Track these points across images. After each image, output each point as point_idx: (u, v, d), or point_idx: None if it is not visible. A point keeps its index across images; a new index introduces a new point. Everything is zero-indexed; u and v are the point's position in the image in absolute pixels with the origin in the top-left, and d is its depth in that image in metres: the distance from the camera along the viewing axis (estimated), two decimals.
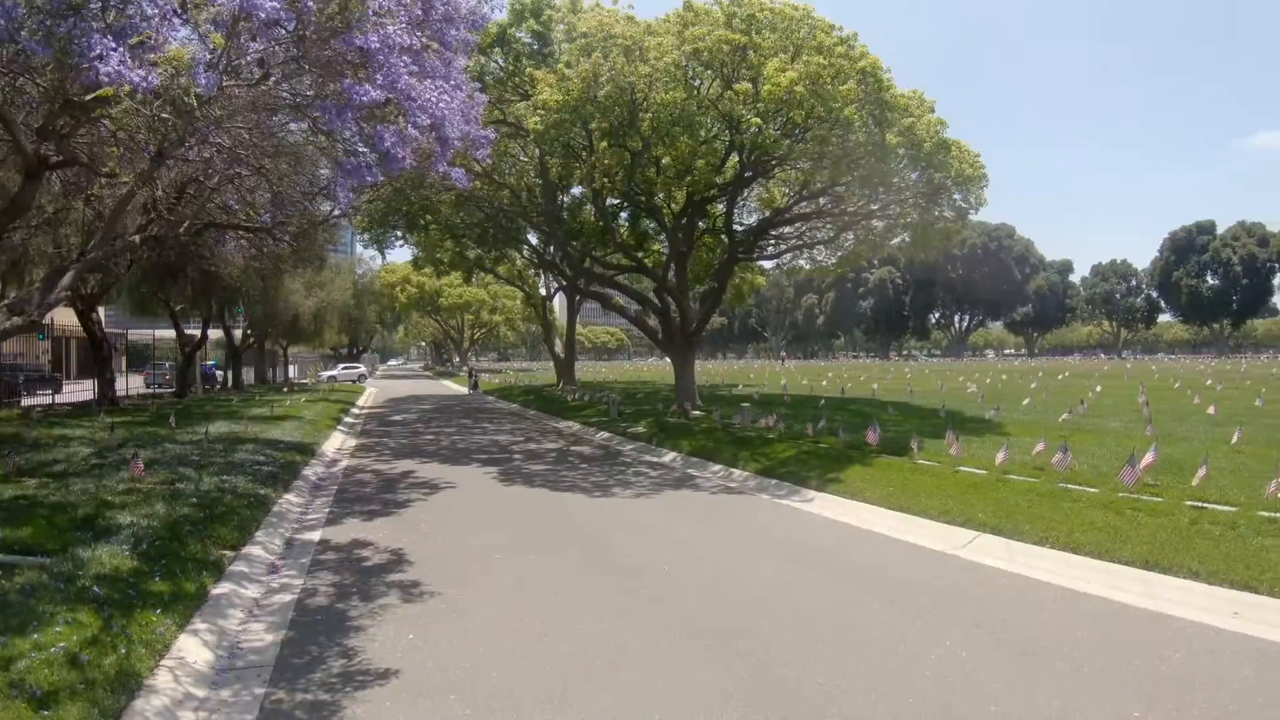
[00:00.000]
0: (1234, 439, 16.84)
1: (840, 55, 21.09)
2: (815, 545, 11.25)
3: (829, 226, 31.14)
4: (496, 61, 28.05)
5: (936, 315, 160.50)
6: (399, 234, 36.39)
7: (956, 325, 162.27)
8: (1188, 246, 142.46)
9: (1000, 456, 14.20)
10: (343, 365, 75.88)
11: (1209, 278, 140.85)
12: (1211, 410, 24.38)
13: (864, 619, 7.97)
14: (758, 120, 21.03)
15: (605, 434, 25.39)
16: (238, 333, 51.97)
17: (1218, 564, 8.68)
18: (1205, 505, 10.81)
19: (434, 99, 9.01)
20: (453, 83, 9.83)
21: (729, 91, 21.46)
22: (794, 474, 15.79)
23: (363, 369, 76.43)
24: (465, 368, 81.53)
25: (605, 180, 25.11)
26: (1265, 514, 10.17)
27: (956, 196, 25.27)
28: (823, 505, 13.81)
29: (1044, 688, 6.28)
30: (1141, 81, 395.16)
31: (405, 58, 8.69)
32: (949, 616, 8.02)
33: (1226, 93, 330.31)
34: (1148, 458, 12.87)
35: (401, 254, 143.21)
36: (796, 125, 21.40)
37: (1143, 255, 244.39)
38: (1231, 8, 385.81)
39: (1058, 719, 5.78)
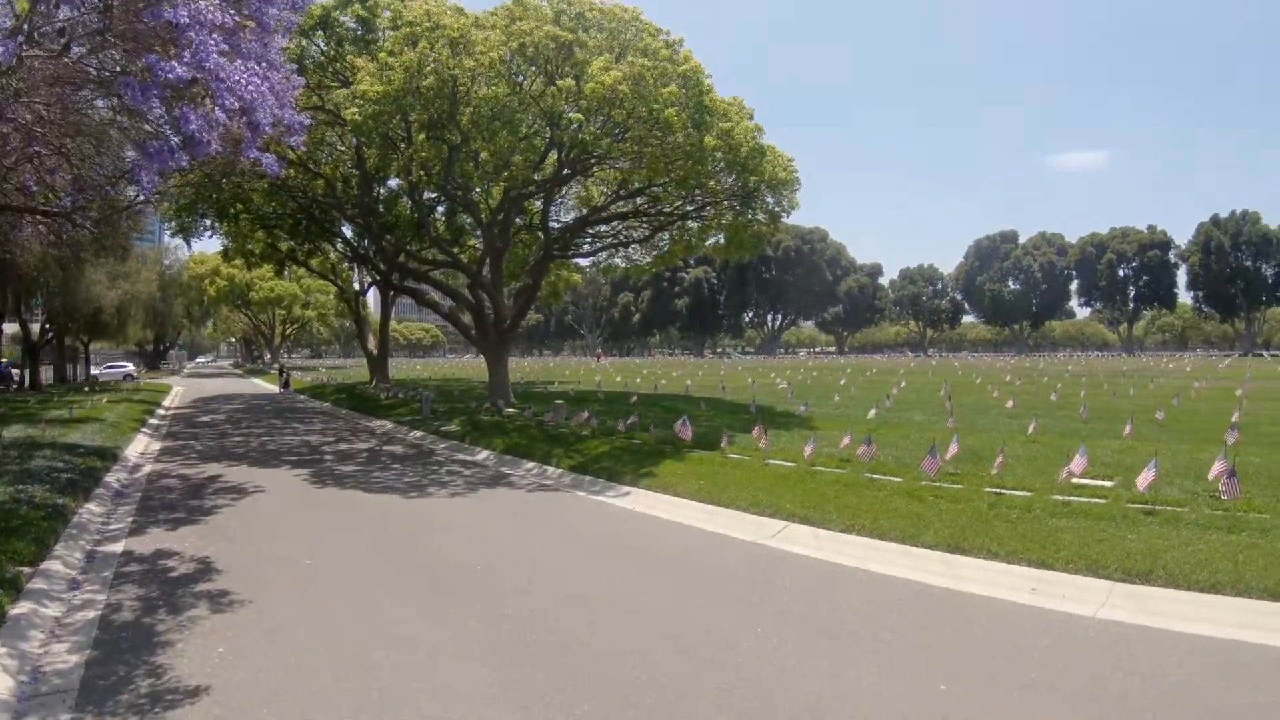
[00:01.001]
0: (1030, 430, 17.99)
1: (665, 58, 21.44)
2: (630, 540, 11.30)
3: (645, 226, 31.70)
4: (318, 45, 26.85)
5: (750, 314, 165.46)
6: (208, 222, 34.61)
7: (770, 324, 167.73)
8: (991, 254, 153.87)
9: (809, 449, 14.62)
10: (106, 364, 70.28)
11: (1010, 283, 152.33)
12: (1010, 404, 26.21)
13: (678, 610, 8.05)
14: (579, 116, 21.00)
15: (418, 433, 24.80)
16: (35, 327, 47.91)
17: (1016, 544, 9.24)
18: (1003, 491, 11.51)
19: (243, 80, 8.52)
20: (267, 63, 9.25)
21: (552, 87, 21.35)
22: (608, 470, 15.83)
23: (130, 368, 70.63)
24: (277, 365, 77.57)
25: (422, 173, 24.47)
26: (1058, 498, 10.96)
27: (770, 200, 26.13)
28: (636, 500, 13.89)
29: (854, 667, 6.53)
30: (951, 99, 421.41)
31: (218, 35, 8.20)
32: (760, 604, 8.22)
33: (1029, 114, 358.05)
34: (950, 449, 13.51)
35: (211, 244, 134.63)
36: (617, 124, 21.58)
37: (949, 261, 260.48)
38: (1038, 37, 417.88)
39: (868, 696, 6.01)
